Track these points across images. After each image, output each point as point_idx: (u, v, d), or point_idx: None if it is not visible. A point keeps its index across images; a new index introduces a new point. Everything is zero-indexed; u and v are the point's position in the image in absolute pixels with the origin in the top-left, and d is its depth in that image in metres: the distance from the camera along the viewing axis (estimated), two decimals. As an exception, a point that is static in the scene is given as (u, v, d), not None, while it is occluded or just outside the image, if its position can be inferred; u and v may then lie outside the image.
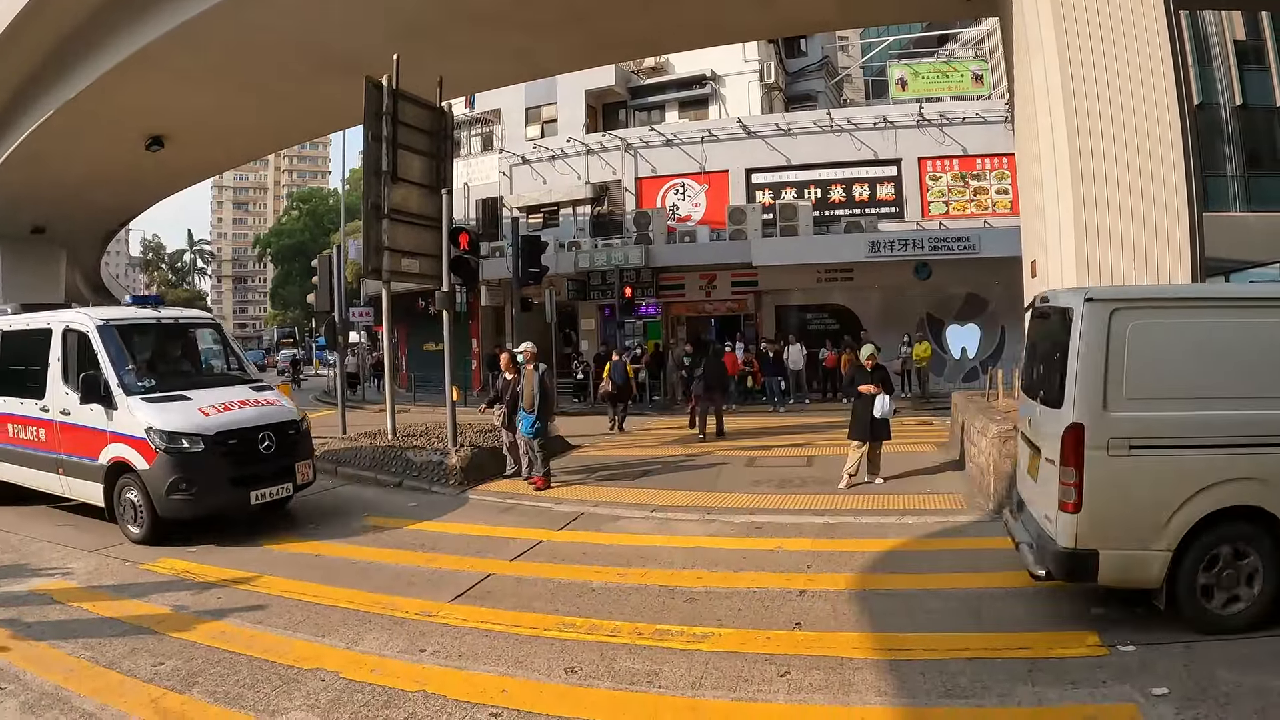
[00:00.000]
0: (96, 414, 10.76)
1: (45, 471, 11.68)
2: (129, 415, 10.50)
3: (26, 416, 11.89)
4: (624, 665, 6.24)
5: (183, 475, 10.19)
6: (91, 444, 10.85)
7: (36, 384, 11.72)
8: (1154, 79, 11.67)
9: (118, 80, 23.00)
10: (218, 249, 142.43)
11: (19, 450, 12.08)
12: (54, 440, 11.45)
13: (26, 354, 12.17)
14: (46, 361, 11.60)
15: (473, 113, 38.34)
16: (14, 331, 12.68)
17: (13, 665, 6.50)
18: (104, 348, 10.99)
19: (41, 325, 12.13)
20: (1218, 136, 26.80)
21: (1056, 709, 5.24)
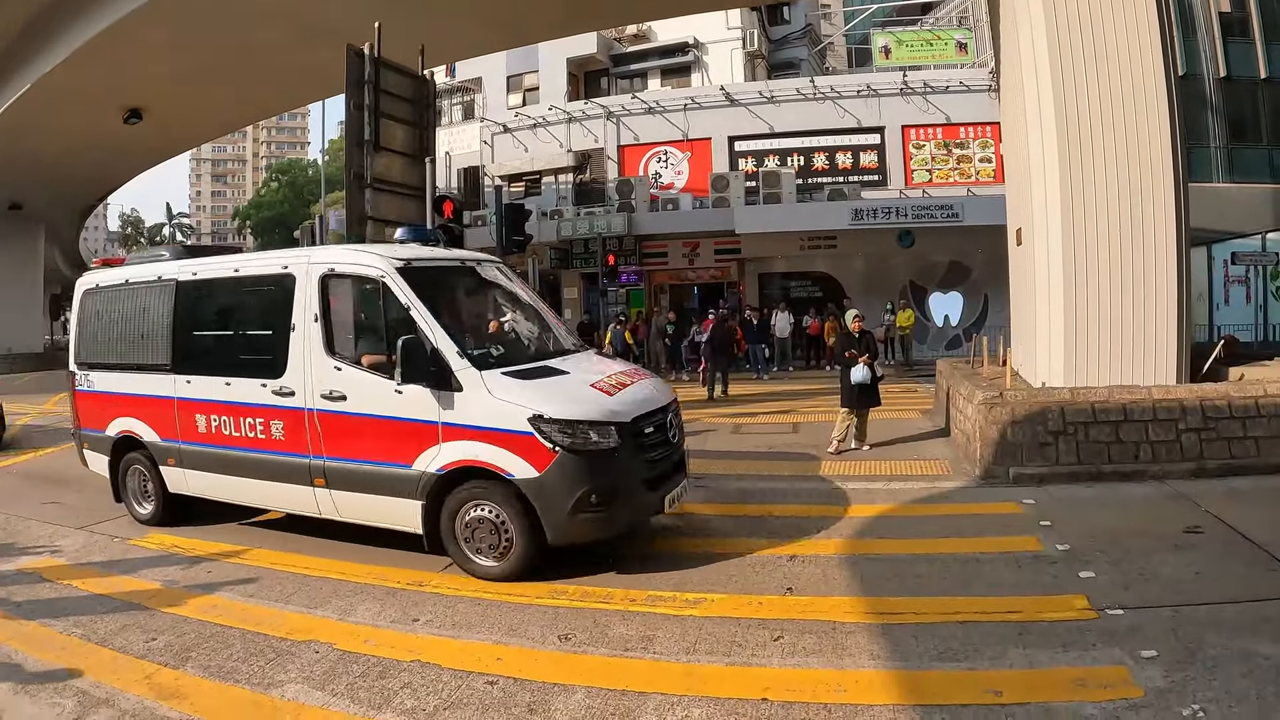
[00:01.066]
0: (411, 399, 7.72)
1: (287, 483, 8.61)
2: (487, 399, 7.50)
3: (244, 404, 8.80)
4: (617, 632, 6.26)
5: (598, 483, 7.39)
6: (399, 443, 7.84)
7: (264, 355, 8.76)
8: (1141, 48, 11.65)
9: (94, 53, 22.79)
10: (197, 222, 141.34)
11: (231, 454, 8.97)
12: (306, 438, 8.37)
13: (236, 314, 9.60)
14: (284, 323, 8.54)
15: (454, 81, 38.08)
16: (203, 282, 9.67)
17: (4, 645, 6.47)
18: (419, 302, 7.93)
19: (270, 269, 9.15)
20: (1201, 108, 26.88)
21: (1047, 671, 5.28)
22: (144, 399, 9.86)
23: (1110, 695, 4.91)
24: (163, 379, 9.64)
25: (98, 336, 10.70)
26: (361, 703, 5.29)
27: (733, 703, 5.06)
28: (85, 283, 11.08)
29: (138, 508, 10.20)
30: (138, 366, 10.03)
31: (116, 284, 10.60)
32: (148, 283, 10.18)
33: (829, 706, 4.96)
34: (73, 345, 11.03)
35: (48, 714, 5.32)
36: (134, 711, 5.30)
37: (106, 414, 10.27)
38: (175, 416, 9.50)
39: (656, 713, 5.00)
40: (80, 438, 10.93)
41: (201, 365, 9.36)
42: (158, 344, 9.83)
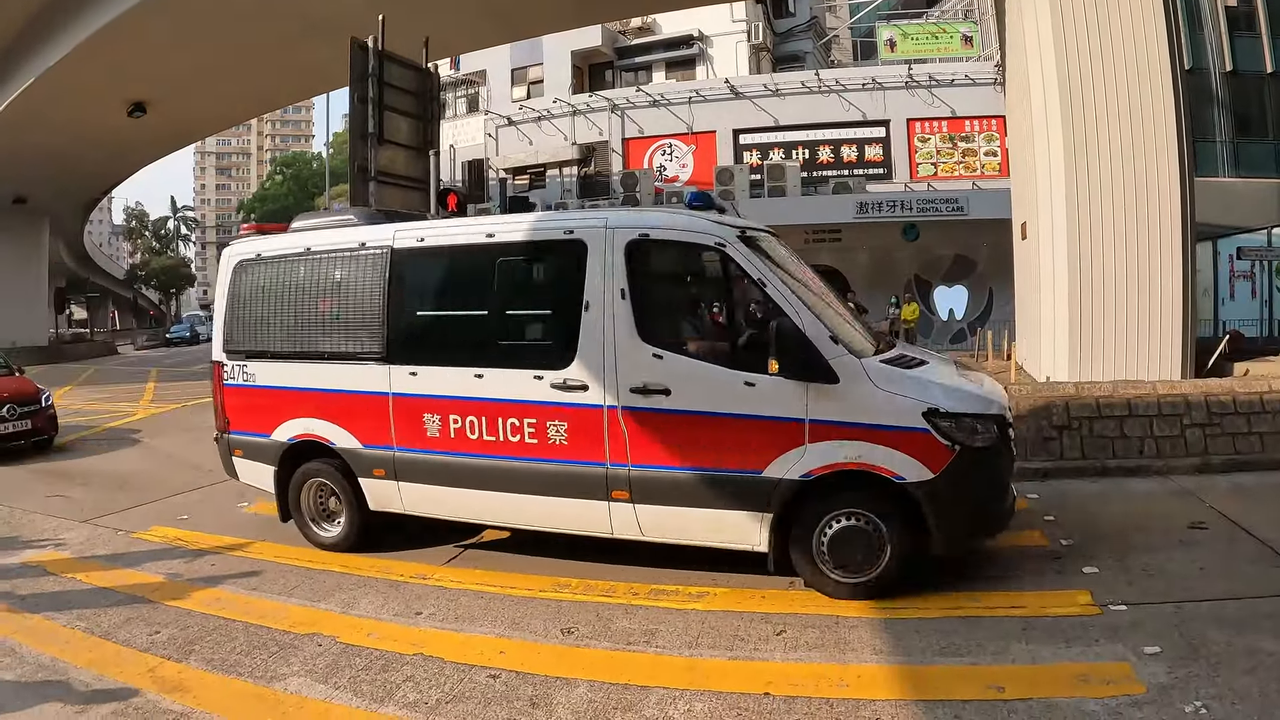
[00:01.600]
0: (768, 392, 6.50)
1: (568, 497, 7.20)
2: (871, 391, 6.40)
3: (505, 402, 7.30)
4: (620, 625, 6.26)
5: (993, 483, 6.81)
6: (746, 445, 6.60)
7: (539, 341, 7.68)
8: (1147, 42, 11.63)
9: (98, 47, 22.79)
10: (201, 215, 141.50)
11: (479, 463, 7.48)
12: (603, 441, 6.97)
13: (491, 290, 7.87)
14: (572, 300, 7.09)
15: (458, 74, 38.12)
16: (436, 250, 8.06)
17: (8, 639, 6.45)
18: (774, 277, 6.74)
19: (547, 234, 7.72)
20: (1207, 102, 26.78)
21: (1050, 666, 5.27)
22: (338, 396, 8.17)
23: (1113, 691, 4.89)
24: (370, 370, 7.97)
25: (263, 318, 8.80)
26: (364, 696, 5.30)
27: (735, 697, 5.06)
28: (239, 252, 9.11)
29: (318, 530, 8.55)
30: (328, 355, 8.29)
31: (291, 253, 8.71)
32: (345, 251, 8.36)
33: (831, 701, 4.96)
34: (219, 330, 9.13)
35: (51, 708, 5.31)
36: (137, 705, 5.30)
37: (274, 414, 8.56)
38: (390, 417, 7.87)
39: (658, 707, 5.00)
40: (229, 443, 9.09)
41: (435, 353, 7.79)
42: (363, 327, 8.12)
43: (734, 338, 6.93)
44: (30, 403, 14.82)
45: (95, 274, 73.53)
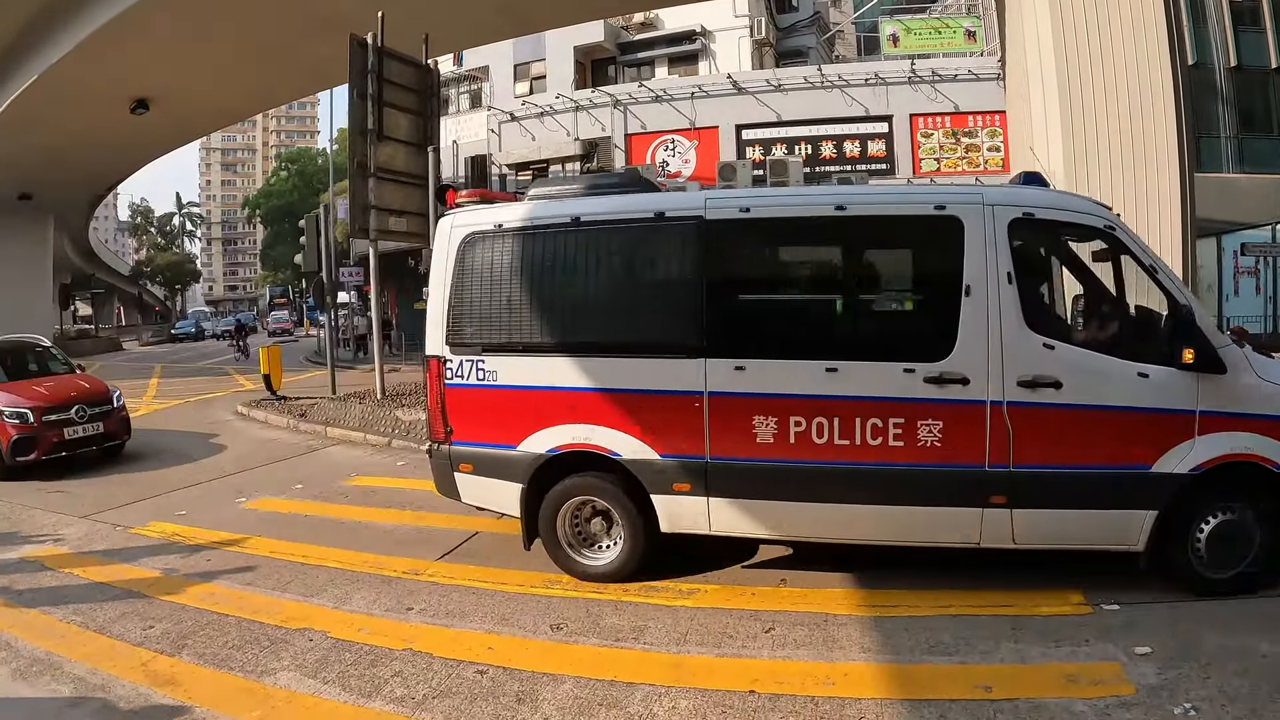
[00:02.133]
0: (1159, 384, 6.14)
1: (934, 505, 6.42)
2: (1255, 382, 6.20)
3: (865, 399, 6.40)
4: (609, 622, 6.28)
5: None
6: (1135, 440, 6.21)
7: (909, 329, 7.02)
8: (1147, 37, 11.63)
9: (101, 44, 22.83)
10: (207, 211, 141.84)
11: (825, 470, 6.52)
12: (983, 440, 6.28)
13: (840, 270, 7.26)
14: (948, 285, 6.38)
15: (461, 70, 38.10)
16: (767, 223, 6.98)
17: (4, 632, 6.50)
18: (1162, 263, 6.35)
19: (912, 209, 6.81)
20: (1212, 97, 26.73)
21: (1039, 666, 5.28)
22: (626, 396, 6.97)
23: (1101, 692, 4.90)
24: (677, 366, 6.82)
25: (509, 304, 7.43)
26: (352, 691, 5.32)
27: (720, 694, 5.07)
28: (468, 223, 7.61)
29: (580, 558, 7.26)
30: (610, 348, 7.09)
31: (551, 224, 7.35)
32: (634, 222, 7.17)
33: (816, 699, 4.97)
34: (439, 319, 7.59)
35: (44, 700, 5.36)
36: (128, 698, 5.33)
37: (525, 420, 7.24)
38: (704, 420, 6.74)
39: (644, 703, 5.01)
40: (452, 457, 7.61)
41: (770, 345, 6.79)
42: (665, 314, 7.09)
43: (1125, 326, 6.64)
44: (101, 403, 13.47)
45: (100, 270, 73.66)
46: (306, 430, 15.60)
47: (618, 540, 7.13)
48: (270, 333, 66.71)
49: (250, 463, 12.97)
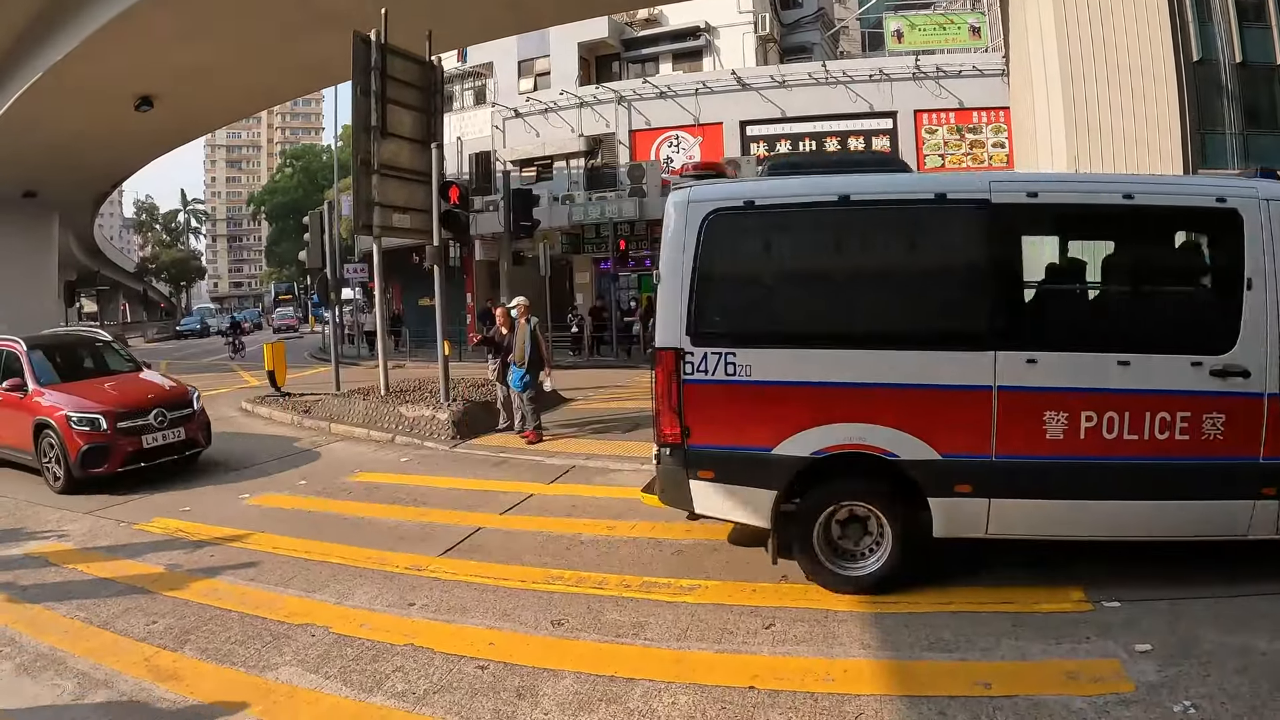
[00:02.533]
0: None
1: (1207, 499, 6.30)
2: None
3: (1149, 393, 6.17)
4: (610, 617, 6.29)
5: None
6: None
7: (1190, 321, 6.67)
8: (1151, 32, 11.62)
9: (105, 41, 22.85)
10: (212, 208, 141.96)
11: (1106, 465, 6.27)
12: (1259, 433, 6.17)
13: (1123, 260, 6.98)
14: (1229, 277, 6.28)
15: (465, 66, 38.10)
16: (1059, 209, 6.75)
17: (8, 628, 6.54)
18: None
19: (1190, 201, 6.69)
20: (1217, 94, 26.62)
21: (1039, 663, 5.28)
22: (904, 392, 6.42)
23: (1101, 689, 4.90)
24: (964, 358, 6.38)
25: (768, 290, 6.99)
26: (354, 686, 5.34)
27: (720, 690, 5.08)
28: (712, 197, 6.79)
29: (839, 568, 6.62)
30: (883, 339, 6.56)
31: (810, 202, 6.73)
32: (909, 204, 6.72)
33: (815, 695, 4.98)
34: (679, 306, 6.71)
35: (48, 695, 5.39)
36: (131, 693, 5.37)
37: (784, 420, 6.56)
38: (991, 417, 6.32)
39: (644, 699, 5.03)
40: (691, 460, 6.75)
41: (1063, 336, 6.50)
42: (946, 303, 6.65)
43: None
44: (182, 406, 12.22)
45: (105, 267, 73.75)
46: (310, 426, 15.63)
47: (871, 549, 6.63)
48: (275, 329, 66.72)
49: (254, 459, 13.00)
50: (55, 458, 11.23)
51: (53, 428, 11.19)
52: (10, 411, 11.98)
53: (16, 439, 11.93)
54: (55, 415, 11.22)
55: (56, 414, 11.22)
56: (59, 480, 11.18)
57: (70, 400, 11.45)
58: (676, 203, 6.82)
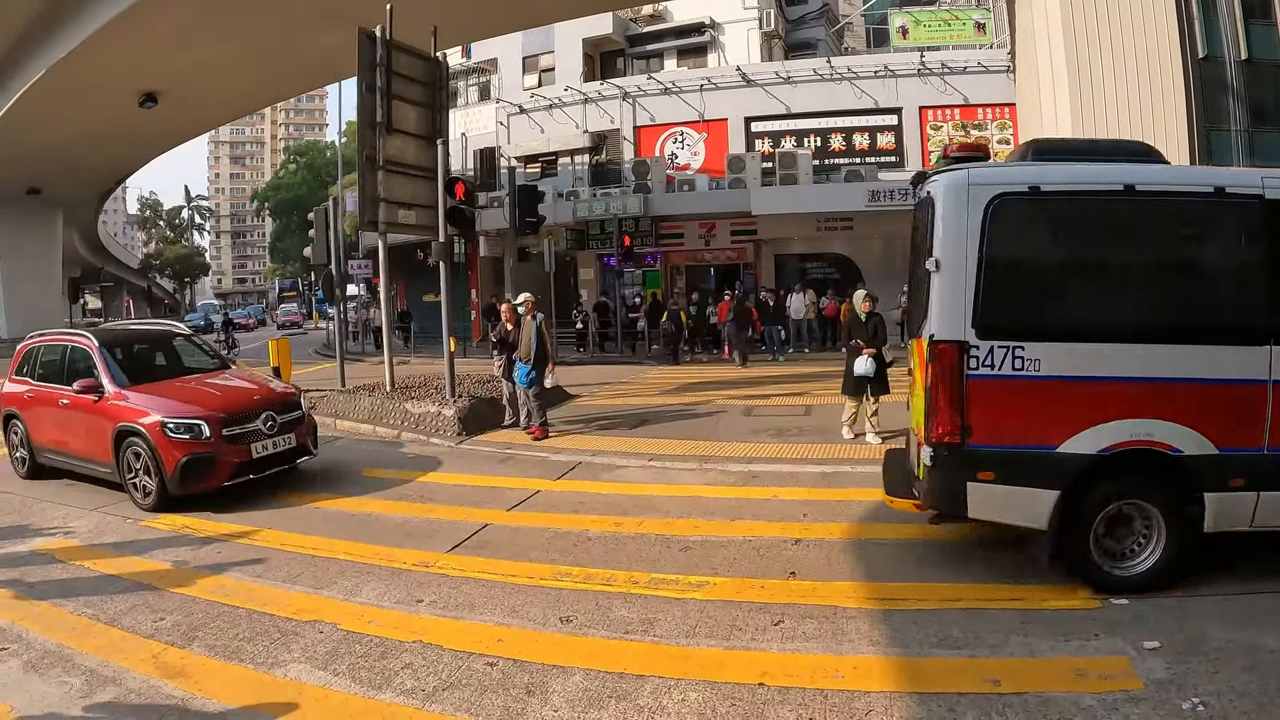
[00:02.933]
0: None
1: None
2: None
3: None
4: (619, 614, 6.28)
5: None
6: None
7: None
8: (1157, 28, 11.58)
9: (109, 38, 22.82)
10: (215, 204, 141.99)
11: None
12: None
13: None
14: None
15: (469, 62, 38.06)
16: None
17: (15, 625, 6.55)
18: None
19: None
20: (1222, 91, 26.53)
21: (1048, 660, 5.28)
22: (1187, 388, 6.25)
23: (1110, 686, 4.89)
24: (1242, 353, 6.26)
25: (1056, 281, 6.72)
26: (362, 683, 5.34)
27: (729, 687, 5.08)
28: (990, 181, 6.48)
29: (1112, 569, 6.40)
30: (1168, 333, 6.35)
31: (1096, 190, 6.48)
32: (1188, 195, 6.53)
33: (825, 692, 4.98)
34: (960, 296, 6.38)
35: (56, 692, 5.39)
36: (139, 690, 5.37)
37: (1070, 416, 6.31)
38: (1266, 410, 6.21)
39: (653, 696, 5.02)
40: (968, 461, 6.42)
41: None
42: (1225, 295, 6.56)
43: None
44: (291, 408, 10.95)
45: (109, 263, 73.69)
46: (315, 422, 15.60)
47: (1136, 546, 6.43)
48: (279, 325, 66.76)
49: (260, 455, 12.93)
50: (144, 469, 9.83)
51: (142, 436, 9.76)
52: (83, 417, 10.62)
53: (91, 448, 10.61)
54: (145, 421, 9.82)
55: (146, 420, 9.83)
56: (149, 496, 9.85)
57: (161, 403, 10.08)
58: (954, 186, 6.50)
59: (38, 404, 11.47)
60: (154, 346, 12.29)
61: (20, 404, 11.79)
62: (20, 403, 11.79)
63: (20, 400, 11.80)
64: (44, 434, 11.44)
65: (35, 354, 12.00)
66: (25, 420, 11.72)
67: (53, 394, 11.14)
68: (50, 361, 11.65)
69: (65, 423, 10.99)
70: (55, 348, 11.70)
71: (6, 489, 11.27)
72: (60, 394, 10.94)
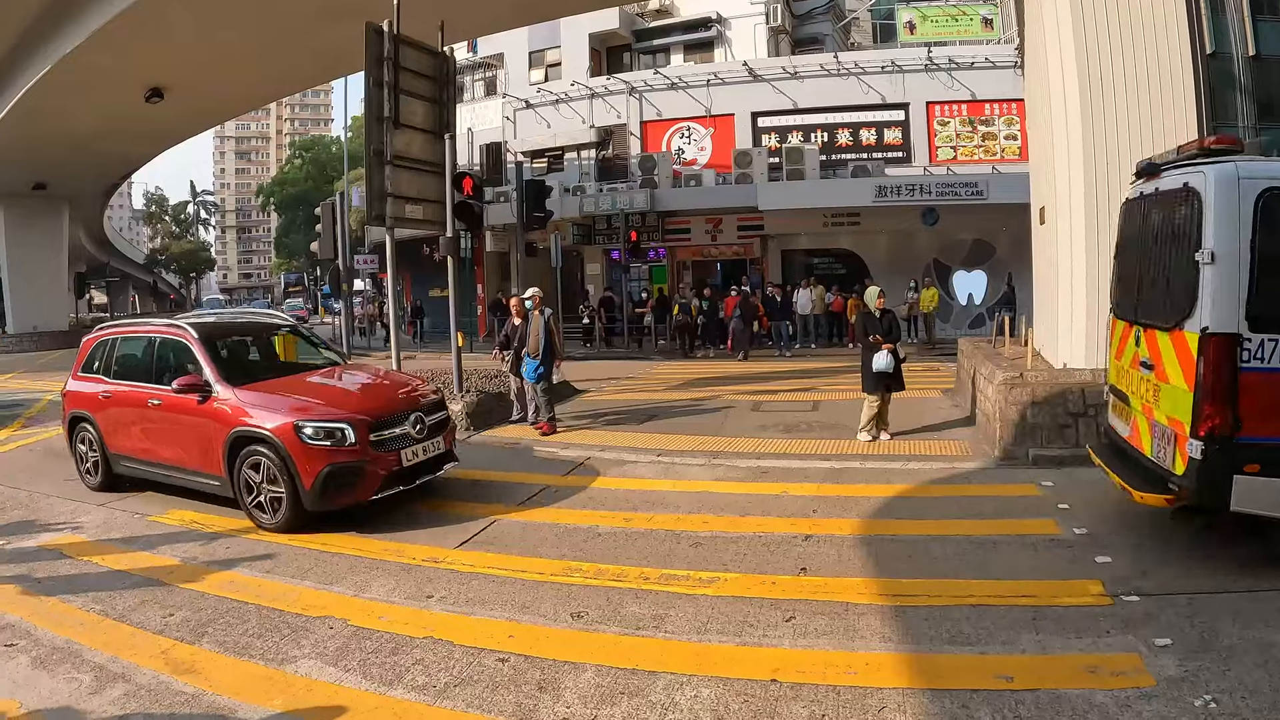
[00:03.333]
0: None
1: None
2: None
3: None
4: (630, 610, 6.27)
5: None
6: None
7: None
8: (1167, 25, 11.48)
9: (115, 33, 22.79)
10: (221, 199, 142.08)
11: None
12: None
13: None
14: None
15: (475, 57, 38.06)
16: None
17: (23, 621, 6.53)
18: None
19: None
20: (1230, 87, 26.44)
21: (1060, 657, 5.25)
22: None
23: (1122, 683, 4.87)
24: None
25: None
26: (373, 679, 5.32)
27: (742, 683, 5.06)
28: (1257, 174, 6.41)
29: None
30: None
31: None
32: None
33: (838, 689, 4.96)
34: (1234, 289, 6.30)
35: (65, 688, 5.38)
36: (149, 686, 5.35)
37: None
38: None
39: (665, 692, 5.00)
40: (1240, 452, 6.28)
41: None
42: None
43: None
44: (439, 409, 9.87)
45: (115, 258, 73.92)
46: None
47: None
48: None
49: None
50: (269, 479, 8.58)
51: (269, 443, 8.51)
52: (185, 420, 9.32)
53: (193, 457, 9.36)
54: (271, 426, 8.56)
55: (273, 424, 8.56)
56: (277, 514, 8.59)
57: (290, 404, 8.85)
58: (1225, 179, 6.42)
59: (116, 405, 10.21)
60: (256, 340, 11.13)
61: (93, 405, 10.51)
62: (93, 404, 10.51)
63: (93, 401, 10.51)
64: (125, 440, 10.15)
65: (109, 347, 10.74)
66: (99, 424, 10.40)
67: (138, 394, 9.89)
68: (130, 356, 10.43)
69: (156, 427, 9.74)
70: (137, 340, 10.47)
71: (13, 484, 11.26)
72: (150, 394, 9.72)
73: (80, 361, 11.05)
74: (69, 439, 11.05)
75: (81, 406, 10.74)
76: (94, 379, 10.67)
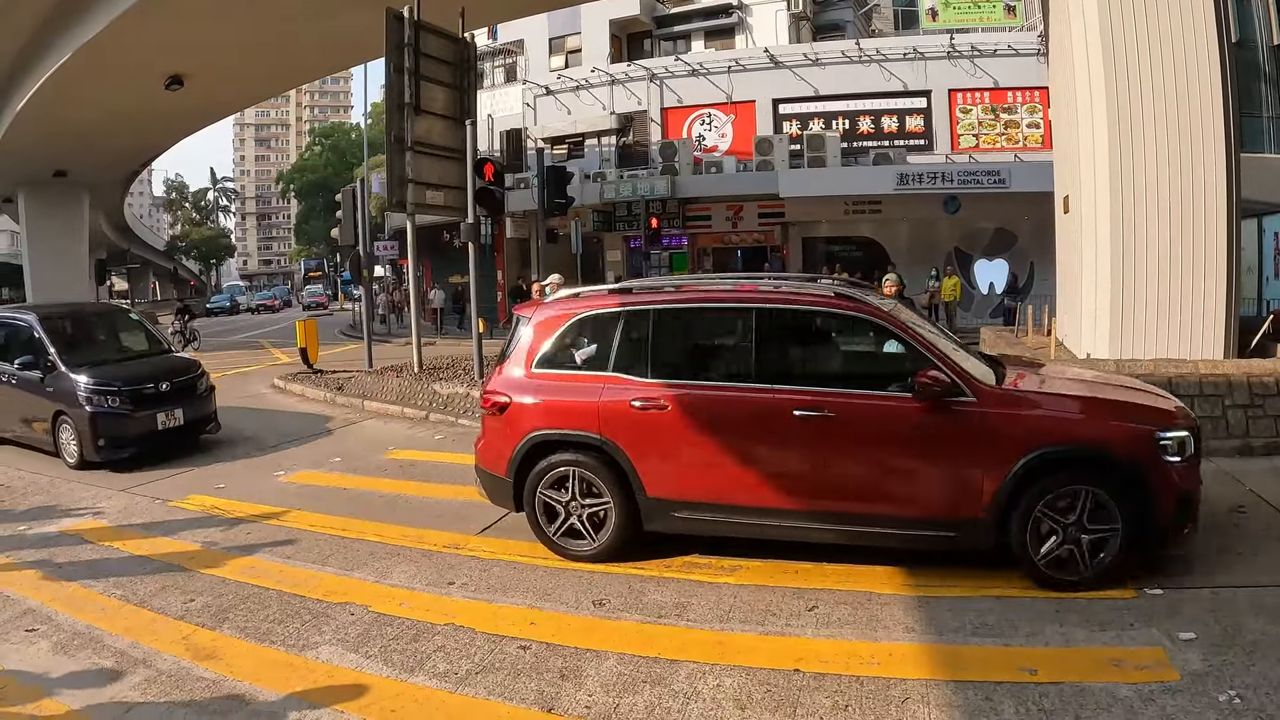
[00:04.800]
0: None
1: None
2: None
3: None
4: (652, 598, 6.25)
5: None
6: None
7: None
8: (1194, 12, 11.34)
9: (135, 20, 22.75)
10: (241, 186, 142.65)
11: None
12: None
13: None
14: None
15: (495, 44, 38.03)
16: None
17: (44, 606, 6.55)
18: None
19: None
20: (1254, 76, 26.14)
21: (1084, 650, 5.21)
22: None
23: (1146, 677, 4.82)
24: None
25: None
26: (395, 665, 5.32)
27: (765, 673, 5.04)
28: None
29: None
30: None
31: None
32: None
33: (861, 679, 4.92)
34: None
35: (85, 675, 5.38)
36: (170, 671, 5.36)
37: None
38: None
39: (688, 681, 4.98)
40: None
41: None
42: None
43: None
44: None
45: (136, 245, 74.21)
46: (343, 403, 15.62)
47: None
48: (305, 307, 67.33)
49: (288, 436, 13.00)
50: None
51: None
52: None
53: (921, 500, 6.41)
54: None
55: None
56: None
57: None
58: None
59: (667, 420, 6.75)
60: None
61: (623, 422, 6.84)
62: (623, 420, 6.84)
63: (623, 416, 6.84)
64: (686, 477, 6.79)
65: (617, 324, 7.18)
66: (629, 454, 6.80)
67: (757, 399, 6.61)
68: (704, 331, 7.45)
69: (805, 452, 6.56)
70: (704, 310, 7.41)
71: (35, 470, 11.31)
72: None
73: (534, 347, 7.43)
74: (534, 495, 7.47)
75: (609, 427, 6.89)
76: (621, 379, 7.01)
